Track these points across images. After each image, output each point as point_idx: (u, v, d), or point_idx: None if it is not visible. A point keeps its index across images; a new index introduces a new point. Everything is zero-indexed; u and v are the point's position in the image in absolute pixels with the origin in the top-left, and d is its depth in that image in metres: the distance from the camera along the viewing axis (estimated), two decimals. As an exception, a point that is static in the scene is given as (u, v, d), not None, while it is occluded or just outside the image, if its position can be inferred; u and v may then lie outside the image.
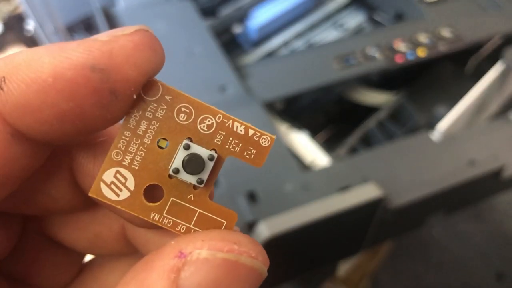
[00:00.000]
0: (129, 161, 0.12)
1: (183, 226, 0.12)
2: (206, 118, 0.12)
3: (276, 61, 0.46)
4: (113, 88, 0.11)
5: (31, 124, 0.11)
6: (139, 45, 0.11)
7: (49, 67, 0.10)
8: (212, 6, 0.51)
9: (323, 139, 0.51)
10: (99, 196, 0.12)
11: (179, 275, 0.11)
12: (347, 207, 0.34)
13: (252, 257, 0.11)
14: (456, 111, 0.43)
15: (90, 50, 0.11)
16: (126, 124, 0.12)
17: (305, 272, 0.47)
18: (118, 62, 0.11)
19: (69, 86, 0.10)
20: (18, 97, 0.10)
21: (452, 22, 0.49)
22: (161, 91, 0.12)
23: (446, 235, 0.66)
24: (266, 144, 0.12)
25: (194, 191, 0.12)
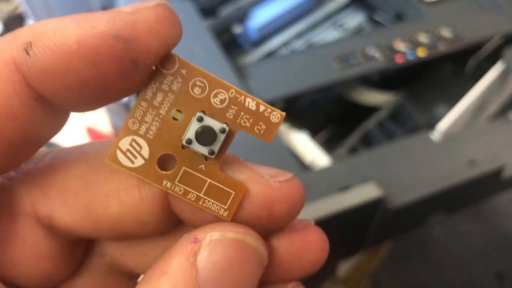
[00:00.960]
0: (145, 130, 0.13)
1: (193, 195, 0.13)
2: (219, 93, 0.13)
3: (276, 61, 0.46)
4: (134, 58, 0.11)
5: (54, 89, 0.11)
6: (160, 17, 0.11)
7: (74, 35, 0.11)
8: (212, 6, 0.51)
9: (323, 139, 0.51)
10: (115, 162, 0.13)
11: (196, 258, 0.12)
12: (347, 207, 0.34)
13: (255, 239, 0.12)
14: (456, 111, 0.43)
15: (114, 20, 0.11)
16: (143, 95, 0.12)
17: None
18: (140, 33, 0.11)
19: (93, 54, 0.11)
20: (43, 62, 0.11)
21: (452, 22, 0.49)
22: (177, 65, 0.12)
23: (446, 235, 0.66)
24: (276, 120, 0.13)
25: (205, 162, 0.13)
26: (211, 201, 0.13)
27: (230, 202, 0.13)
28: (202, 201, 0.13)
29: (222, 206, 0.13)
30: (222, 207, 0.13)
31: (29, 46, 0.11)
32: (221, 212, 0.13)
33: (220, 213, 0.13)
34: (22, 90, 0.11)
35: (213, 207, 0.13)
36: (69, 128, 0.55)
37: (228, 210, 0.13)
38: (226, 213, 0.13)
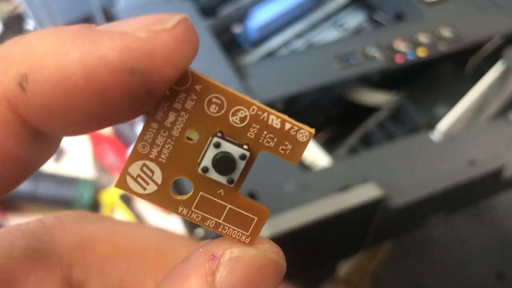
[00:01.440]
0: (156, 154, 0.12)
1: (212, 221, 0.12)
2: (239, 110, 0.11)
3: (276, 61, 0.46)
4: (149, 89, 0.10)
5: (55, 126, 0.10)
6: (181, 41, 0.10)
7: (80, 67, 0.09)
8: (212, 6, 0.51)
9: (323, 139, 0.51)
10: (125, 189, 0.12)
11: (215, 278, 0.11)
12: (347, 207, 0.34)
13: (275, 252, 0.12)
14: (456, 111, 0.43)
15: (129, 49, 0.09)
16: (153, 116, 0.11)
17: (305, 272, 0.47)
18: (158, 63, 0.09)
19: (103, 90, 0.09)
20: (43, 99, 0.09)
21: (452, 22, 0.49)
22: (190, 80, 0.11)
23: (446, 235, 0.66)
24: (303, 139, 0.12)
25: (224, 187, 0.12)
26: (231, 228, 0.12)
27: (252, 228, 0.12)
28: (222, 227, 0.12)
29: (244, 232, 0.12)
30: (244, 233, 0.12)
31: (24, 80, 0.09)
32: (242, 239, 0.12)
33: (242, 239, 0.12)
34: (18, 130, 0.10)
35: (234, 233, 0.12)
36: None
37: (250, 237, 0.12)
38: (248, 239, 0.12)
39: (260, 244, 0.12)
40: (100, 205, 0.51)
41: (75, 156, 0.55)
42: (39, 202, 0.50)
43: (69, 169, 0.53)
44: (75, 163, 0.54)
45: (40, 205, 0.50)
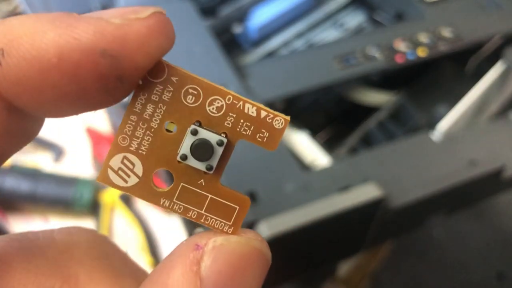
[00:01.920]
0: (136, 146, 0.12)
1: (194, 212, 0.12)
2: (215, 100, 0.12)
3: (276, 61, 0.46)
4: (120, 75, 0.10)
5: (29, 102, 0.10)
6: (154, 31, 0.10)
7: (54, 46, 0.10)
8: (212, 6, 0.51)
9: (323, 139, 0.51)
10: (107, 183, 0.12)
11: (200, 267, 0.11)
12: (347, 207, 0.34)
13: (259, 240, 0.12)
14: (457, 111, 0.43)
15: (102, 32, 0.10)
16: (132, 108, 0.12)
17: (305, 272, 0.47)
18: (130, 49, 0.10)
19: (74, 69, 0.10)
20: (17, 74, 0.10)
21: (452, 22, 0.49)
22: (167, 72, 0.11)
23: (446, 235, 0.66)
24: (279, 126, 0.12)
25: (205, 176, 0.12)
26: (213, 218, 0.12)
27: (234, 217, 0.12)
28: (204, 218, 0.12)
29: (226, 222, 0.12)
30: (226, 223, 0.12)
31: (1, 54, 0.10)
32: (225, 229, 0.12)
33: (225, 229, 0.12)
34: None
35: (217, 224, 0.12)
36: (68, 128, 0.55)
37: (233, 226, 0.12)
38: (231, 229, 0.12)
39: (243, 233, 0.12)
40: (100, 205, 0.51)
41: (75, 156, 0.55)
42: (39, 202, 0.50)
43: (69, 169, 0.53)
44: (75, 163, 0.54)
45: (40, 205, 0.50)
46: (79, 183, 0.50)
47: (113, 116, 0.54)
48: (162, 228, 0.51)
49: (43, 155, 0.55)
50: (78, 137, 0.56)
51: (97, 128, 0.56)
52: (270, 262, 0.12)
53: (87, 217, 0.51)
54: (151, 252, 0.49)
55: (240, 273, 0.11)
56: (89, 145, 0.55)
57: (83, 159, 0.55)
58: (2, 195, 0.49)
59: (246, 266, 0.11)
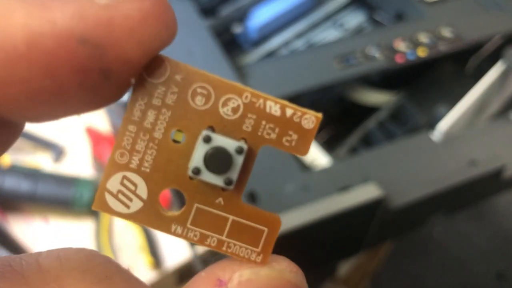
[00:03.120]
0: (138, 162, 0.10)
1: (214, 239, 0.10)
2: (229, 100, 0.10)
3: (276, 61, 0.46)
4: (105, 68, 0.08)
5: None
6: (148, 16, 0.08)
7: (23, 30, 0.08)
8: (212, 6, 0.51)
9: (323, 139, 0.51)
10: (105, 210, 0.10)
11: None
12: (347, 207, 0.34)
13: (294, 272, 0.10)
14: (457, 111, 0.43)
15: (82, 15, 0.08)
16: (129, 116, 0.10)
17: (305, 272, 0.47)
18: (117, 36, 0.08)
19: (47, 59, 0.08)
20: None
21: (452, 22, 0.49)
22: (169, 70, 0.09)
23: (446, 235, 0.66)
24: (310, 126, 0.10)
25: (223, 193, 0.10)
26: (238, 244, 0.10)
27: (263, 242, 0.10)
28: (226, 245, 0.10)
29: (253, 249, 0.10)
30: (253, 250, 0.10)
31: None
32: (253, 257, 0.10)
33: (252, 258, 0.10)
34: None
35: (242, 251, 0.10)
36: (68, 128, 0.55)
37: (262, 254, 0.10)
38: (260, 257, 0.10)
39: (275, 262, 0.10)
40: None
41: (75, 156, 0.55)
42: (39, 202, 0.50)
43: (69, 169, 0.53)
44: (75, 163, 0.54)
45: (40, 205, 0.50)
46: (79, 183, 0.50)
47: (113, 116, 0.54)
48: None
49: (43, 155, 0.55)
50: (78, 137, 0.56)
51: (97, 128, 0.56)
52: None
53: (87, 217, 0.51)
54: (151, 252, 0.49)
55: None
56: (89, 145, 0.55)
57: (83, 159, 0.55)
58: (2, 195, 0.49)
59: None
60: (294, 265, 0.10)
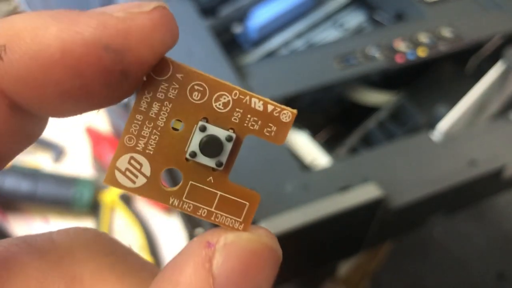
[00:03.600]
0: (143, 146, 0.12)
1: (204, 210, 0.12)
2: (221, 96, 0.12)
3: (276, 61, 0.46)
4: (125, 69, 0.10)
5: (31, 99, 0.10)
6: (157, 25, 0.10)
7: (56, 41, 0.09)
8: (212, 6, 0.51)
9: (323, 139, 0.51)
10: (114, 185, 0.12)
11: (212, 264, 0.11)
12: (347, 207, 0.34)
13: (270, 237, 0.12)
14: (457, 111, 0.43)
15: (105, 26, 0.10)
16: (137, 107, 0.11)
17: (305, 272, 0.47)
18: (133, 43, 0.10)
19: (78, 64, 0.10)
20: (19, 70, 0.10)
21: (452, 22, 0.49)
22: (171, 70, 0.11)
23: (446, 235, 0.66)
24: (287, 120, 0.12)
25: (213, 173, 0.12)
26: (224, 215, 0.12)
27: (244, 214, 0.12)
28: (214, 216, 0.12)
29: (236, 219, 0.12)
30: (236, 220, 0.12)
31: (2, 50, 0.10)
32: (236, 226, 0.12)
33: (235, 226, 0.12)
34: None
35: (227, 221, 0.12)
36: (68, 128, 0.55)
37: (243, 223, 0.12)
38: (241, 226, 0.12)
39: (254, 230, 0.12)
40: (100, 205, 0.51)
41: (75, 156, 0.55)
42: (39, 202, 0.50)
43: (69, 169, 0.53)
44: (75, 163, 0.54)
45: (40, 205, 0.50)
46: (79, 183, 0.50)
47: (113, 116, 0.54)
48: (162, 228, 0.51)
49: (43, 155, 0.55)
50: (78, 137, 0.56)
51: (97, 128, 0.56)
52: (281, 259, 0.12)
53: (87, 217, 0.51)
54: (151, 252, 0.49)
55: (252, 270, 0.11)
56: (89, 145, 0.55)
57: (83, 159, 0.55)
58: (2, 195, 0.49)
59: (258, 263, 0.11)
60: (269, 232, 0.12)
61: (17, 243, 0.12)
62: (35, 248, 0.12)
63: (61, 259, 0.12)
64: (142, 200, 0.52)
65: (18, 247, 0.12)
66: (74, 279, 0.12)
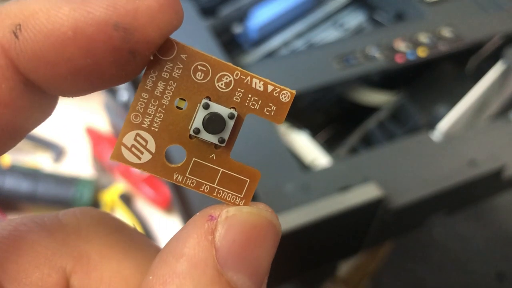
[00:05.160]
0: (149, 123, 0.12)
1: (207, 186, 0.12)
2: (223, 76, 0.12)
3: (276, 61, 0.46)
4: (133, 48, 0.10)
5: (44, 77, 0.11)
6: (164, 6, 0.10)
7: (69, 20, 0.10)
8: (212, 6, 0.51)
9: (323, 139, 0.51)
10: (121, 160, 0.12)
11: (214, 236, 0.11)
12: (347, 207, 0.34)
13: (270, 212, 0.12)
14: (457, 111, 0.43)
15: (114, 6, 0.10)
16: (143, 86, 0.12)
17: (305, 272, 0.47)
18: (142, 22, 0.10)
19: (89, 42, 0.10)
20: (34, 48, 0.10)
21: (452, 22, 0.49)
22: (176, 50, 0.12)
23: (446, 235, 0.66)
24: (286, 100, 0.12)
25: (215, 151, 0.12)
26: (225, 191, 0.13)
27: (245, 190, 0.13)
28: (216, 191, 0.12)
29: (237, 195, 0.13)
30: (237, 196, 0.13)
31: (18, 29, 0.10)
32: (237, 201, 0.13)
33: (237, 202, 0.13)
34: (10, 76, 0.10)
35: (229, 197, 0.13)
36: (68, 128, 0.55)
37: (244, 199, 0.13)
38: (242, 202, 0.13)
39: (254, 205, 0.12)
40: (100, 205, 0.51)
41: (75, 156, 0.55)
42: (39, 202, 0.50)
43: (69, 169, 0.53)
44: (75, 163, 0.54)
45: (40, 205, 0.50)
46: (79, 183, 0.50)
47: (113, 116, 0.54)
48: (162, 227, 0.51)
49: (43, 155, 0.55)
50: (78, 137, 0.56)
51: (97, 128, 0.56)
52: (280, 234, 0.12)
53: (87, 217, 0.51)
54: (151, 252, 0.49)
55: (253, 241, 0.11)
56: (89, 145, 0.55)
57: (83, 159, 0.55)
58: (2, 195, 0.49)
59: (259, 235, 0.12)
60: (269, 207, 0.12)
61: (25, 222, 0.12)
62: (43, 227, 0.13)
63: (68, 238, 0.13)
64: (142, 200, 0.52)
65: (26, 226, 0.12)
66: (81, 256, 0.12)
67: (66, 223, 0.13)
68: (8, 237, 0.12)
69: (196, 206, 0.35)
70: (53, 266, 0.12)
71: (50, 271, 0.12)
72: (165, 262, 0.11)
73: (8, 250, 0.12)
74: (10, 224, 0.12)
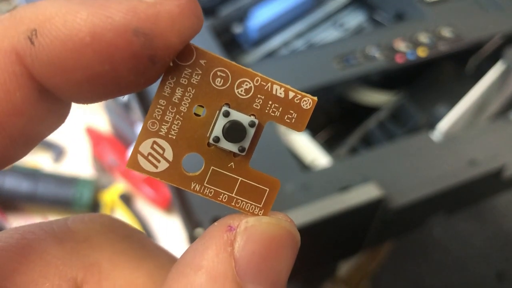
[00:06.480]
0: (166, 130, 0.12)
1: (225, 196, 0.12)
2: (243, 82, 0.12)
3: (276, 61, 0.46)
4: (153, 54, 0.10)
5: (60, 84, 0.10)
6: (185, 10, 0.10)
7: (87, 25, 0.09)
8: (212, 6, 0.51)
9: (323, 139, 0.51)
10: (137, 169, 0.12)
11: (233, 247, 0.11)
12: (347, 207, 0.34)
13: (289, 222, 0.12)
14: (457, 111, 0.43)
15: (134, 11, 0.10)
16: (161, 92, 0.11)
17: (305, 272, 0.47)
18: (162, 27, 0.10)
19: (108, 49, 0.10)
20: (50, 54, 0.10)
21: (452, 22, 0.49)
22: (195, 55, 0.11)
23: (446, 235, 0.66)
24: (307, 107, 0.12)
25: (234, 159, 0.12)
26: (244, 201, 0.12)
27: (265, 200, 0.12)
28: (234, 201, 0.12)
29: (256, 205, 0.12)
30: (256, 206, 0.12)
31: (34, 34, 0.10)
32: (256, 211, 0.12)
33: (255, 212, 0.12)
34: (25, 84, 0.10)
35: (247, 206, 0.12)
36: (68, 128, 0.55)
37: (263, 209, 0.12)
38: (261, 212, 0.12)
39: (273, 215, 0.12)
40: (100, 205, 0.51)
41: (75, 156, 0.55)
42: (39, 202, 0.50)
43: (69, 169, 0.53)
44: (75, 163, 0.54)
45: (40, 205, 0.50)
46: (79, 183, 0.50)
47: (113, 116, 0.54)
48: (162, 228, 0.51)
49: (43, 155, 0.55)
50: (78, 137, 0.56)
51: (97, 128, 0.56)
52: (299, 244, 0.12)
53: (87, 217, 0.51)
54: (151, 252, 0.49)
55: (272, 253, 0.11)
56: (89, 145, 0.55)
57: (83, 159, 0.55)
58: (2, 195, 0.49)
59: (278, 246, 0.11)
60: (288, 217, 0.12)
61: (33, 230, 0.12)
62: (52, 235, 0.12)
63: (78, 246, 0.12)
64: (142, 200, 0.52)
65: (34, 234, 0.12)
66: (92, 265, 0.12)
67: (76, 231, 0.12)
68: (16, 245, 0.11)
69: (196, 207, 0.35)
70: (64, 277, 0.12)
71: (60, 282, 0.12)
72: (182, 274, 0.11)
73: (17, 260, 0.11)
74: (17, 232, 0.12)
